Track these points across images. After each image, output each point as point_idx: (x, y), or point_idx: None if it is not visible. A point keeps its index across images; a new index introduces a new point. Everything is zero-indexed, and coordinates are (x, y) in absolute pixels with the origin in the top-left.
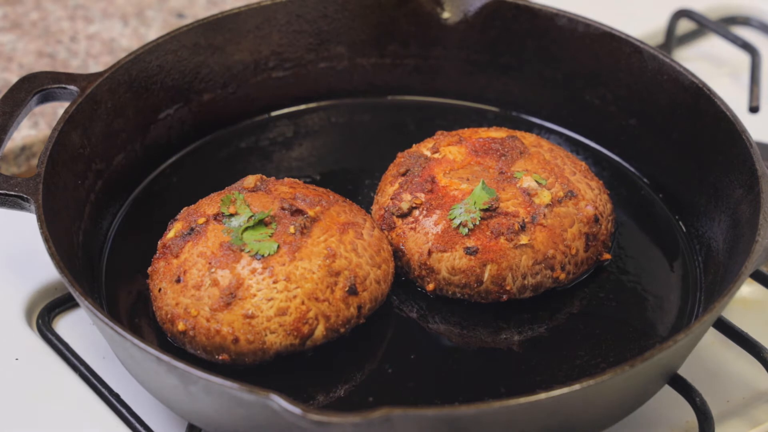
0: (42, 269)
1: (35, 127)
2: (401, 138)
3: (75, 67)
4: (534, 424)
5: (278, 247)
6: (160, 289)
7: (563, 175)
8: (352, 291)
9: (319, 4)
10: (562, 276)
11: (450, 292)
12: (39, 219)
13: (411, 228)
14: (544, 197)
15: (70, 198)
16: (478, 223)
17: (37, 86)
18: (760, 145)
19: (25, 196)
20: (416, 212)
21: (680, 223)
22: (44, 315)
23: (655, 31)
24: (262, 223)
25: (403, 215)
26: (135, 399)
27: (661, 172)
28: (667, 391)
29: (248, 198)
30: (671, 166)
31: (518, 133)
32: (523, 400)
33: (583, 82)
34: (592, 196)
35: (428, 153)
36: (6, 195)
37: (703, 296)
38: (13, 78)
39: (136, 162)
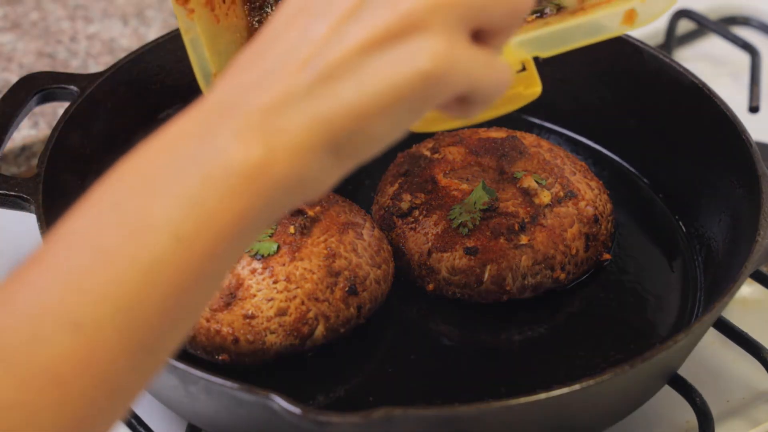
0: None
1: (35, 127)
2: (401, 138)
3: (75, 67)
4: (534, 424)
5: (278, 247)
6: None
7: (563, 175)
8: (352, 291)
9: None
10: (562, 276)
11: (450, 292)
12: (39, 219)
13: (411, 228)
14: (544, 197)
15: (70, 198)
16: (478, 223)
17: (37, 86)
18: (760, 145)
19: (25, 196)
20: (416, 212)
21: (680, 223)
22: None
23: (655, 31)
24: None
25: (403, 215)
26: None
27: (661, 172)
28: (667, 391)
29: None
30: (671, 166)
31: (518, 133)
32: (523, 400)
33: (582, 82)
34: (592, 196)
35: (428, 153)
36: (6, 195)
37: (703, 296)
38: (13, 78)
39: None
